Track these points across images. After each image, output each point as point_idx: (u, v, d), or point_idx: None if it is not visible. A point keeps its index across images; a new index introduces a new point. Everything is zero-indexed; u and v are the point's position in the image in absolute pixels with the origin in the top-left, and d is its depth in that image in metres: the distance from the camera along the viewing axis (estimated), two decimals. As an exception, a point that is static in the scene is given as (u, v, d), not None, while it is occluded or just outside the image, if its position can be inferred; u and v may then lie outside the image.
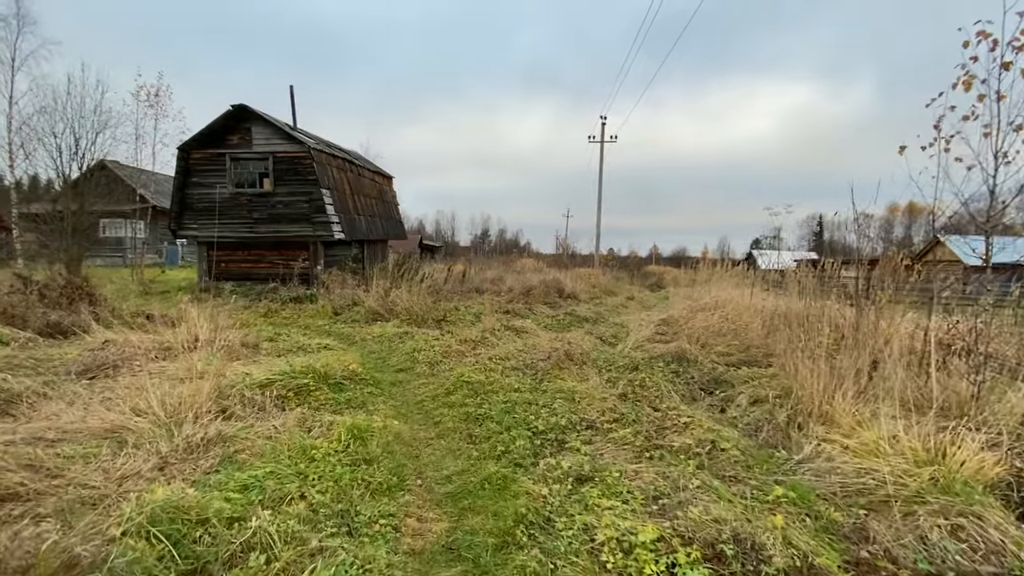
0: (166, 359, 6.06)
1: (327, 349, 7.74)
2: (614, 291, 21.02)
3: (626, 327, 10.55)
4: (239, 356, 6.64)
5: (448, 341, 8.17)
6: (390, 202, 22.58)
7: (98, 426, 3.85)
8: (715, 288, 12.50)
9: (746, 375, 6.21)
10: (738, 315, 8.73)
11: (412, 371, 6.86)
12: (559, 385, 5.69)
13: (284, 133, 15.39)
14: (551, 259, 39.13)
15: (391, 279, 12.54)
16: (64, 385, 5.00)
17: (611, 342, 8.90)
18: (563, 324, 11.30)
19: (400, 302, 10.56)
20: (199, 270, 16.58)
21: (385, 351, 8.16)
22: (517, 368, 6.58)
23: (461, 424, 4.69)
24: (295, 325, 10.20)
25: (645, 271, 29.48)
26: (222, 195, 15.58)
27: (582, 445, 4.06)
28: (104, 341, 6.19)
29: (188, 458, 3.70)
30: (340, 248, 16.95)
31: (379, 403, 5.38)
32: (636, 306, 16.50)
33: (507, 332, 9.28)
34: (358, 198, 18.16)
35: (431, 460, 3.97)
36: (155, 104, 19.84)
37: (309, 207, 15.41)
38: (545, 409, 4.91)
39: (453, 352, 7.56)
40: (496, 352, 7.39)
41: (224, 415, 4.39)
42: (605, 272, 26.20)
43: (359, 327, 9.92)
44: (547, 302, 14.51)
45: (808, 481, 3.36)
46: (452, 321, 10.47)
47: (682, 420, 4.45)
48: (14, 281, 8.18)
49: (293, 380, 5.38)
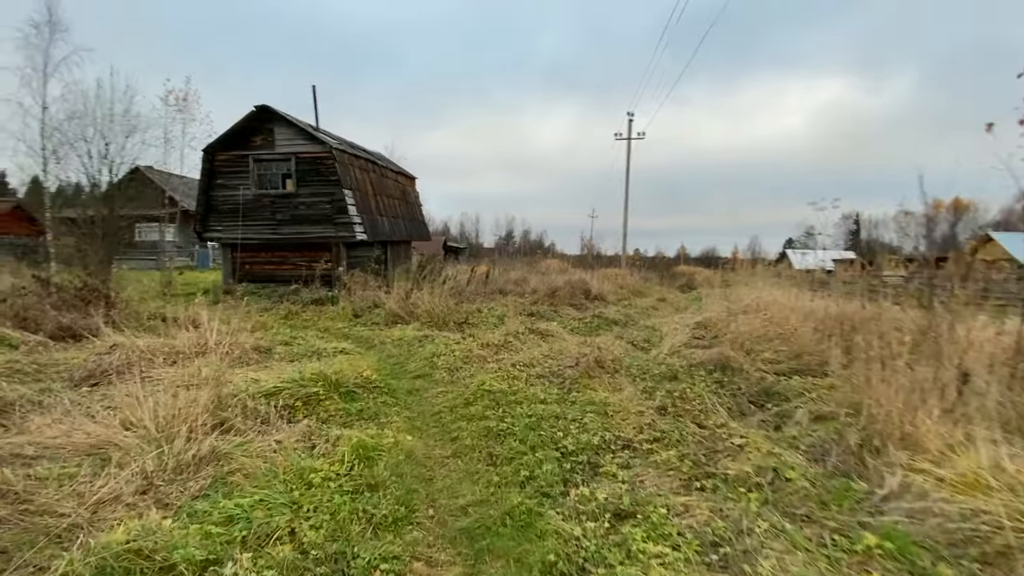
0: (174, 364, 5.76)
1: (343, 354, 7.37)
2: (643, 292, 20.27)
3: (659, 331, 9.91)
4: (250, 361, 6.32)
5: (469, 345, 7.71)
6: (413, 203, 22.35)
7: (82, 441, 3.51)
8: (753, 289, 11.73)
9: (800, 386, 5.54)
10: (784, 318, 8.00)
11: (430, 378, 6.41)
12: (589, 396, 5.15)
13: (306, 134, 15.25)
14: (576, 260, 38.37)
15: (412, 281, 12.18)
16: (62, 393, 4.72)
17: (644, 347, 8.28)
18: (591, 327, 10.72)
19: (421, 304, 10.17)
20: (224, 272, 16.61)
21: (403, 356, 7.75)
22: (543, 376, 6.06)
23: (481, 441, 4.20)
24: (314, 328, 9.91)
25: (675, 272, 28.50)
26: (246, 197, 15.54)
27: (619, 470, 3.52)
28: (112, 345, 5.94)
29: (176, 479, 3.31)
30: (363, 249, 16.73)
31: (393, 414, 4.94)
32: (667, 308, 15.76)
33: (531, 336, 8.77)
34: (381, 199, 17.93)
35: (446, 485, 3.49)
36: (183, 108, 20.00)
37: (331, 208, 15.22)
38: (575, 424, 4.38)
39: (474, 357, 7.09)
40: (520, 358, 6.88)
41: (222, 428, 4.01)
42: (633, 273, 25.40)
43: (379, 330, 9.56)
44: (573, 304, 13.93)
45: (902, 524, 2.75)
46: (474, 324, 10.02)
47: (734, 440, 3.86)
48: (32, 283, 8.08)
49: (302, 388, 4.99)
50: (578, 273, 21.75)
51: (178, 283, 19.44)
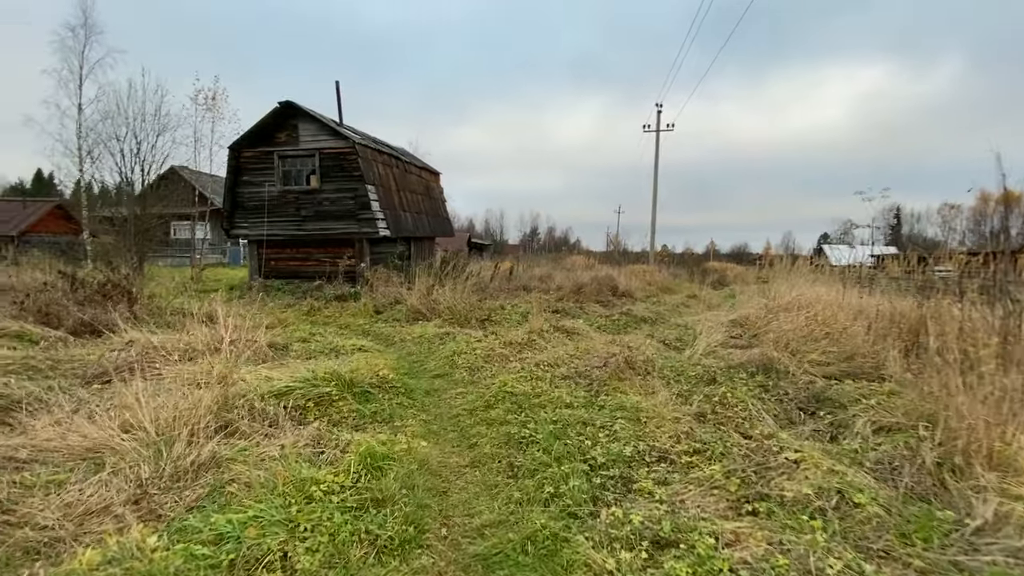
0: (189, 361, 5.60)
1: (362, 351, 7.14)
2: (672, 289, 19.60)
3: (692, 329, 9.38)
4: (265, 359, 6.13)
5: (491, 343, 7.37)
6: (437, 199, 22.17)
7: (78, 445, 3.31)
8: (793, 285, 11.04)
9: (855, 391, 4.99)
10: (831, 317, 7.39)
11: (450, 377, 6.10)
12: (619, 400, 4.74)
13: (330, 129, 15.17)
14: (602, 256, 37.73)
15: (434, 277, 11.93)
16: (71, 390, 4.59)
17: (677, 347, 7.80)
18: (619, 325, 10.25)
19: (443, 301, 9.89)
20: (250, 268, 16.73)
21: (423, 353, 7.47)
22: (568, 377, 5.67)
23: (501, 449, 3.85)
24: (334, 324, 9.75)
25: (705, 268, 27.58)
26: (271, 193, 15.58)
27: (656, 487, 3.11)
28: (127, 342, 5.83)
29: (172, 487, 3.07)
30: (386, 245, 16.61)
31: (408, 417, 4.64)
32: (699, 305, 15.11)
33: (556, 334, 8.38)
34: (404, 194, 17.78)
35: (461, 500, 3.15)
36: (212, 108, 20.32)
37: (354, 203, 15.11)
38: (604, 432, 3.99)
39: (496, 356, 6.75)
40: (544, 357, 6.51)
41: (227, 431, 3.78)
42: (661, 269, 24.68)
43: (399, 327, 9.33)
44: (600, 301, 13.46)
45: (1006, 565, 2.27)
46: (497, 321, 9.69)
47: (787, 455, 3.40)
48: (59, 279, 8.12)
49: (314, 388, 4.73)
50: (604, 269, 21.21)
51: (208, 279, 19.78)
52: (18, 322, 6.26)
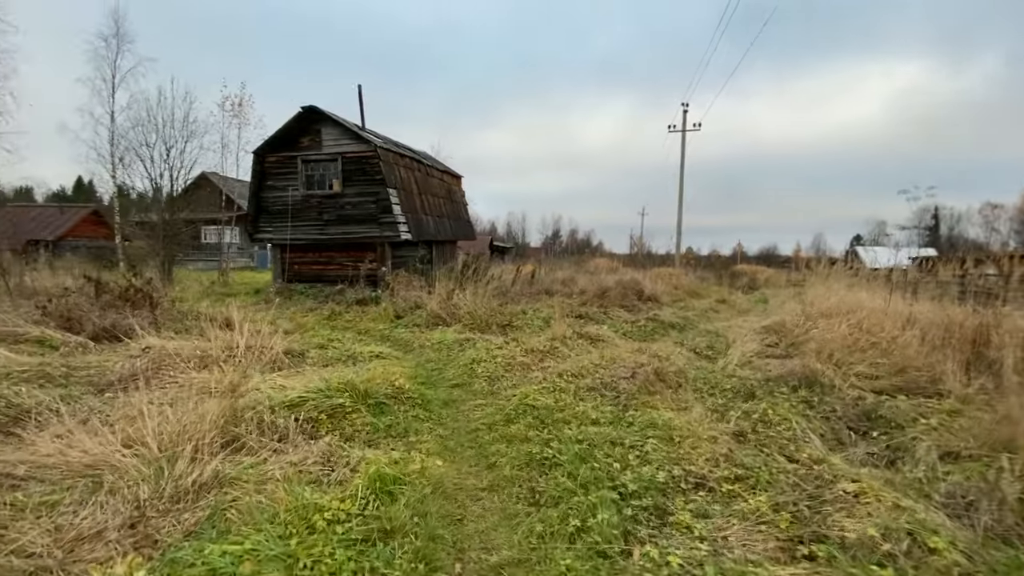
0: (204, 368, 5.49)
1: (379, 358, 6.96)
2: (700, 293, 19.00)
3: (723, 336, 8.93)
4: (281, 366, 5.99)
5: (512, 351, 7.10)
6: (459, 202, 22.05)
7: (78, 461, 3.16)
8: (830, 290, 10.46)
9: (911, 409, 4.55)
10: (876, 324, 6.88)
11: (469, 387, 5.85)
12: (650, 416, 4.40)
13: (352, 133, 15.17)
14: (626, 259, 37.11)
15: (455, 281, 11.73)
16: (83, 399, 4.49)
17: (709, 356, 7.39)
18: (645, 331, 9.86)
19: (463, 305, 9.67)
20: (274, 272, 16.86)
21: (442, 361, 7.24)
22: (594, 389, 5.35)
23: (522, 470, 3.56)
24: (354, 329, 9.62)
25: (734, 271, 26.76)
26: (294, 198, 15.66)
27: (694, 520, 2.78)
28: (144, 348, 5.75)
29: (172, 509, 2.88)
30: (407, 249, 16.52)
31: (424, 431, 4.40)
32: (728, 311, 14.57)
33: (580, 341, 8.06)
34: (426, 198, 17.68)
35: (478, 530, 2.88)
36: (238, 113, 20.63)
37: (376, 207, 15.06)
38: (634, 453, 3.67)
39: (517, 365, 6.47)
40: (567, 366, 6.20)
41: (234, 446, 3.59)
42: (688, 272, 24.02)
43: (419, 332, 9.14)
44: (624, 305, 13.05)
45: None
46: (518, 326, 9.41)
47: (843, 486, 3.02)
48: (84, 283, 8.18)
49: (328, 399, 4.54)
50: (629, 273, 20.73)
51: (234, 282, 20.06)
52: (40, 327, 6.27)
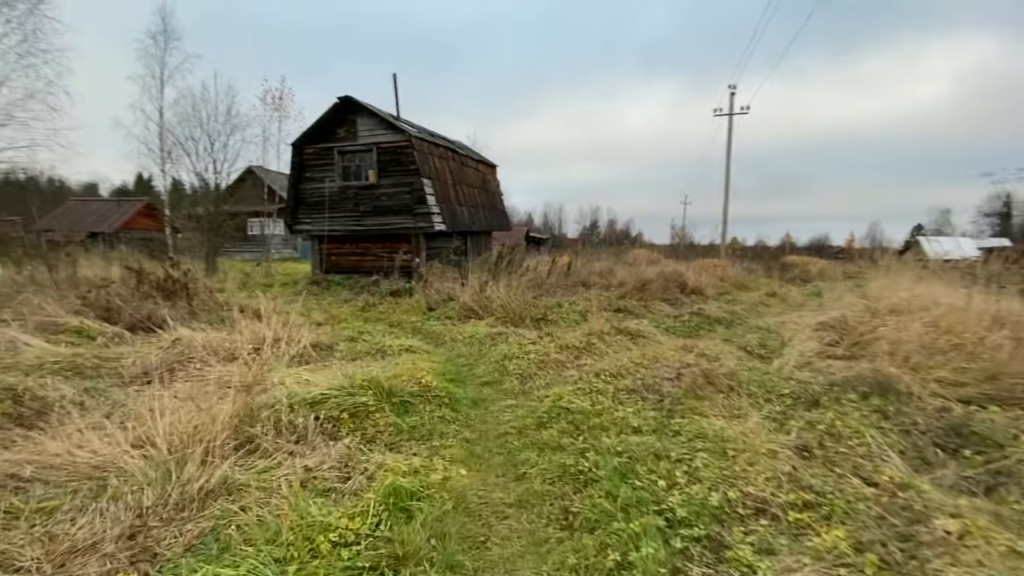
0: (230, 361, 5.38)
1: (409, 352, 6.73)
2: (747, 286, 18.03)
3: (775, 333, 8.27)
4: (308, 359, 5.83)
5: (546, 346, 6.72)
6: (494, 192, 21.73)
7: (85, 462, 3.02)
8: (895, 284, 9.54)
9: (1010, 424, 3.90)
10: (958, 323, 6.10)
11: (499, 386, 5.52)
12: (698, 425, 3.94)
13: (387, 123, 15.05)
14: (667, 250, 35.85)
15: (488, 272, 11.43)
16: (108, 392, 4.43)
17: (761, 355, 6.79)
18: (689, 327, 9.27)
19: (496, 298, 9.35)
20: (312, 263, 17.06)
21: (473, 356, 6.95)
22: (634, 391, 4.92)
23: (554, 485, 3.20)
24: (386, 321, 9.48)
25: (784, 262, 25.31)
26: (331, 189, 15.73)
27: (757, 558, 2.35)
28: (174, 340, 5.71)
29: (176, 518, 2.68)
30: (442, 240, 16.37)
31: (450, 434, 4.10)
32: (780, 304, 13.68)
33: (619, 336, 7.59)
34: (460, 188, 17.44)
35: (502, 556, 2.54)
36: (279, 107, 20.93)
37: (411, 198, 14.93)
38: (682, 469, 3.24)
39: (551, 362, 6.10)
40: (605, 365, 5.77)
41: (248, 448, 3.39)
42: (734, 263, 22.90)
43: (451, 325, 8.89)
44: (666, 299, 12.42)
45: None
46: (553, 320, 9.01)
47: (943, 522, 2.51)
48: (127, 274, 8.33)
49: (350, 397, 4.30)
50: (671, 264, 19.90)
51: (276, 273, 20.51)
52: (79, 317, 6.37)
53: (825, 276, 22.98)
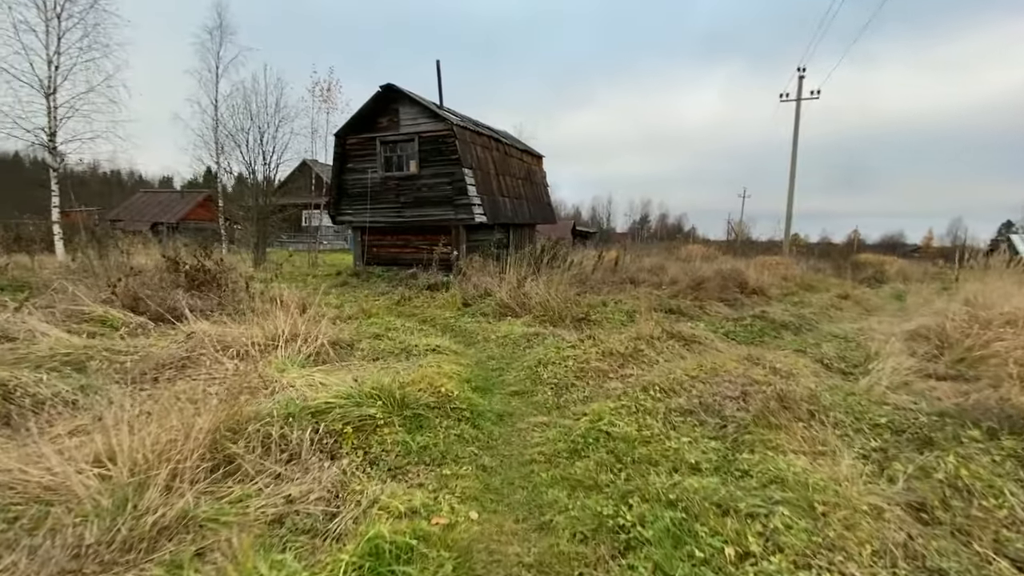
0: (241, 359, 5.02)
1: (436, 352, 6.19)
2: (814, 286, 16.45)
3: (856, 342, 7.15)
4: (326, 359, 5.39)
5: (587, 351, 6.00)
6: (539, 183, 20.98)
7: (36, 481, 2.60)
8: (985, 286, 8.11)
9: None
10: (1106, 340, 4.89)
11: (530, 397, 4.87)
12: (774, 465, 3.13)
13: (429, 111, 14.62)
14: (723, 245, 33.87)
15: (528, 266, 10.77)
16: (107, 390, 4.11)
17: (842, 370, 5.78)
18: (752, 332, 8.26)
19: (534, 295, 8.68)
20: (354, 254, 16.99)
21: (505, 359, 6.33)
22: (690, 412, 4.13)
23: (586, 544, 2.51)
24: (419, 317, 9.02)
25: (856, 261, 23.14)
26: (373, 180, 15.52)
27: None
28: (189, 334, 5.42)
29: (118, 562, 2.21)
30: (483, 232, 15.85)
31: (465, 458, 3.49)
32: (855, 308, 12.26)
33: (671, 342, 6.76)
34: (503, 179, 16.83)
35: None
36: (327, 99, 21.05)
37: (451, 189, 14.46)
38: (755, 530, 2.47)
39: (591, 371, 5.38)
40: (655, 377, 4.99)
41: (226, 469, 2.91)
42: (798, 261, 21.10)
43: (486, 323, 8.30)
44: (724, 299, 11.34)
45: None
46: (596, 321, 8.25)
47: None
48: (164, 262, 8.27)
49: (357, 408, 3.78)
50: (727, 261, 18.53)
51: (324, 264, 20.72)
52: (103, 307, 6.23)
53: (904, 277, 20.78)
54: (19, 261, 11.01)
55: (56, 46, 13.98)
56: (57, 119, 14.31)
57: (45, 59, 13.84)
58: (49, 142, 14.25)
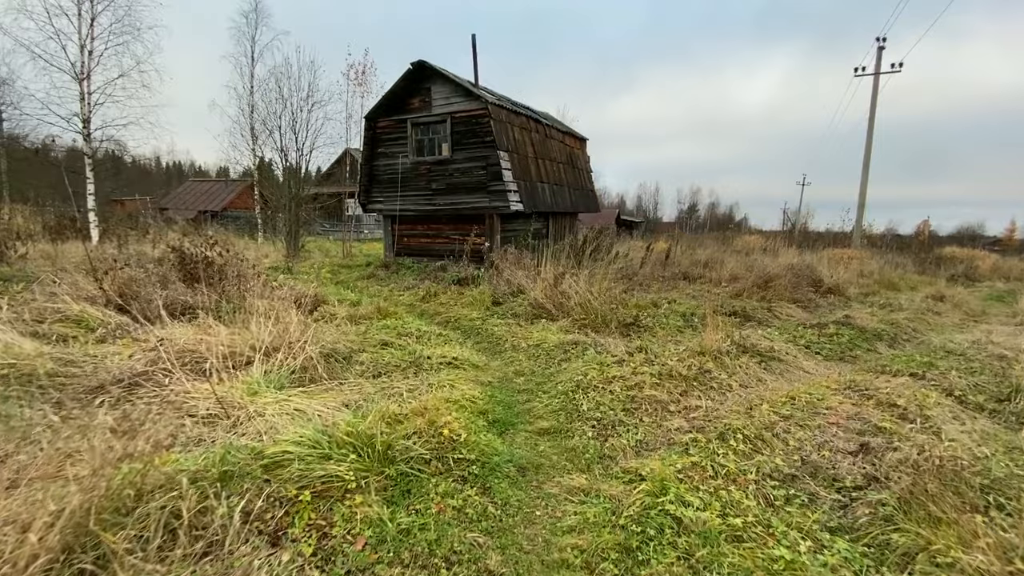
0: (218, 373, 4.11)
1: (452, 367, 5.14)
2: (896, 284, 14.41)
3: (976, 360, 5.56)
4: (314, 377, 4.43)
5: (638, 370, 4.77)
6: (582, 169, 19.54)
7: None
8: None
9: None
10: None
11: (564, 440, 3.71)
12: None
13: (463, 90, 13.50)
14: (782, 237, 31.22)
15: (569, 260, 9.55)
16: (29, 420, 3.27)
17: (982, 405, 4.30)
18: (839, 344, 6.77)
19: (574, 294, 7.47)
20: (385, 245, 16.20)
21: (535, 377, 5.19)
22: (792, 480, 2.88)
23: None
24: (442, 317, 8.01)
25: (939, 255, 20.47)
26: (404, 165, 14.61)
27: None
28: (159, 340, 4.57)
29: None
30: (521, 222, 14.68)
31: (464, 557, 2.39)
32: (953, 312, 10.38)
33: (743, 358, 5.44)
34: (542, 163, 15.55)
35: None
36: (362, 82, 20.30)
37: (485, 174, 13.34)
38: None
39: (645, 400, 4.17)
40: (732, 415, 3.74)
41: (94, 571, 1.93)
42: (872, 255, 18.79)
43: (516, 326, 7.18)
44: (796, 299, 9.76)
45: None
46: (647, 326, 6.97)
47: None
48: (169, 253, 7.59)
49: (322, 463, 2.76)
50: (793, 254, 16.59)
51: (357, 253, 20.18)
52: (81, 304, 5.52)
53: (1001, 274, 18.14)
54: (45, 250, 10.76)
55: (89, 30, 13.73)
56: (91, 105, 14.12)
57: (78, 43, 13.62)
58: (83, 128, 14.09)
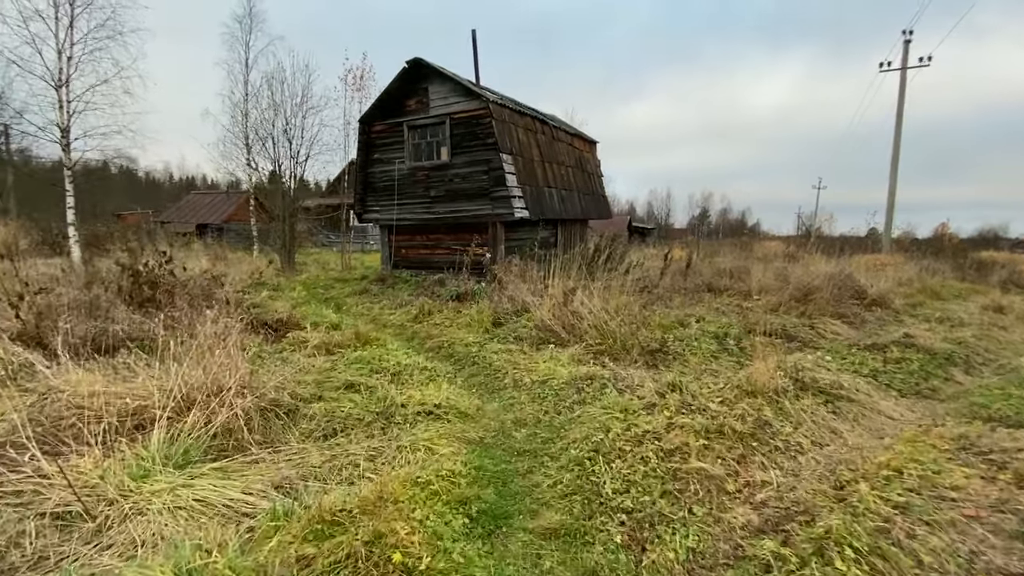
0: (87, 445, 3.04)
1: (433, 417, 4.03)
2: (939, 293, 13.04)
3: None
4: (241, 440, 3.33)
5: (675, 420, 3.62)
6: (592, 173, 18.44)
7: None
8: None
9: None
10: None
11: (581, 549, 2.56)
12: None
13: (464, 89, 12.50)
14: (802, 242, 29.83)
15: (580, 271, 8.41)
16: None
17: None
18: (908, 372, 5.56)
19: (587, 314, 6.33)
20: (382, 256, 15.19)
21: (541, 430, 4.05)
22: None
23: None
24: (433, 342, 6.91)
25: (979, 260, 18.99)
26: (400, 171, 13.62)
27: None
28: (48, 389, 3.52)
29: None
30: (527, 230, 13.60)
31: None
32: (1018, 324, 9.07)
33: (804, 398, 4.25)
34: (549, 167, 14.48)
35: None
36: (360, 87, 19.40)
37: (488, 179, 12.28)
38: None
39: (691, 474, 3.01)
40: (815, 498, 2.58)
41: None
42: (908, 261, 17.39)
43: (519, 354, 6.04)
44: (840, 314, 8.53)
45: None
46: (676, 353, 5.80)
47: None
48: (120, 272, 6.60)
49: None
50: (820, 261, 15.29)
51: (355, 266, 19.23)
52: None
53: (1048, 279, 16.63)
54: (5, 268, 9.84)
55: (67, 34, 12.95)
56: (70, 113, 13.31)
57: (55, 48, 12.84)
58: (62, 138, 13.28)
